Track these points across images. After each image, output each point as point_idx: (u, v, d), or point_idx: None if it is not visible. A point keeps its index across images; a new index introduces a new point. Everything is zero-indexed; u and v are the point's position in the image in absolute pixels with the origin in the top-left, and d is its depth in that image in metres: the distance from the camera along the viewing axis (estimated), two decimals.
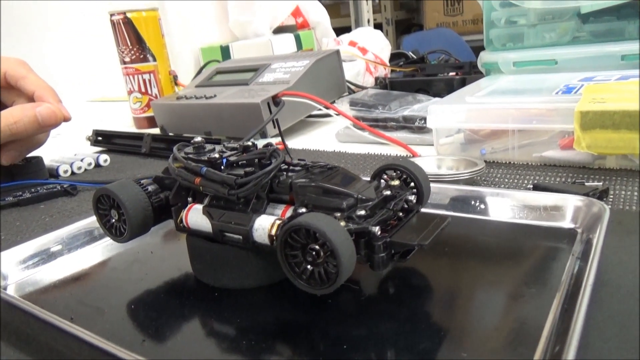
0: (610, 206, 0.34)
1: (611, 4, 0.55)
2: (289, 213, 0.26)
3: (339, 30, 1.23)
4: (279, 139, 0.60)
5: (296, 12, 1.08)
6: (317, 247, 0.22)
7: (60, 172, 0.58)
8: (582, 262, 0.26)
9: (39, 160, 0.57)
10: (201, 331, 0.25)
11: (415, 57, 1.03)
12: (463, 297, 0.26)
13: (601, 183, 0.37)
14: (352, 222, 0.23)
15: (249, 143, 0.30)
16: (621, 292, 0.24)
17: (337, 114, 0.61)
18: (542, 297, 0.24)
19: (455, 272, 0.28)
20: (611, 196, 0.36)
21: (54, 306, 0.29)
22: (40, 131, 0.49)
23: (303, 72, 0.65)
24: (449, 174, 0.39)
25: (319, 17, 1.10)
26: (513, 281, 0.26)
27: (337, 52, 0.72)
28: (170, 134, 0.71)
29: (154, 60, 0.78)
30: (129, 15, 0.75)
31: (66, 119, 0.50)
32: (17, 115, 0.47)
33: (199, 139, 0.31)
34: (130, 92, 0.79)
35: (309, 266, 0.22)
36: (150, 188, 0.30)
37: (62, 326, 0.24)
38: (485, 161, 0.45)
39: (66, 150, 0.66)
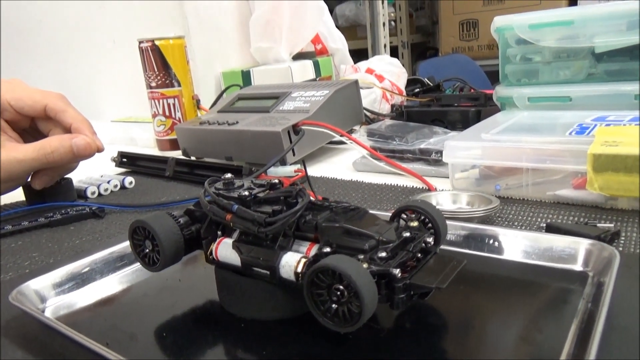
0: (621, 249, 0.35)
1: (625, 45, 0.57)
2: (313, 251, 0.28)
3: (356, 53, 1.26)
4: (297, 166, 0.62)
5: (315, 39, 1.11)
6: (341, 287, 0.23)
7: (88, 193, 0.61)
8: (592, 305, 0.28)
9: (68, 182, 0.59)
10: None
11: (431, 84, 1.05)
12: (476, 337, 0.27)
13: (613, 225, 0.38)
14: (374, 263, 0.25)
15: (276, 181, 0.32)
16: (630, 337, 0.25)
17: (353, 143, 0.62)
18: (553, 340, 0.25)
19: (468, 311, 0.30)
20: (622, 238, 0.37)
21: (89, 330, 0.30)
22: (74, 161, 0.52)
23: (323, 101, 0.67)
24: (464, 212, 0.41)
25: (338, 44, 1.13)
26: (525, 323, 0.27)
27: (356, 82, 0.74)
28: (192, 157, 0.74)
29: (179, 85, 0.81)
30: (157, 42, 0.78)
31: (99, 150, 0.52)
32: (54, 145, 0.50)
33: (228, 175, 0.33)
34: (154, 115, 0.82)
35: (333, 305, 0.24)
36: (182, 220, 0.32)
37: (101, 352, 0.25)
38: (499, 197, 0.46)
39: (92, 171, 0.69)
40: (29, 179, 0.54)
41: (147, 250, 0.32)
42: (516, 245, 0.34)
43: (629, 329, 0.26)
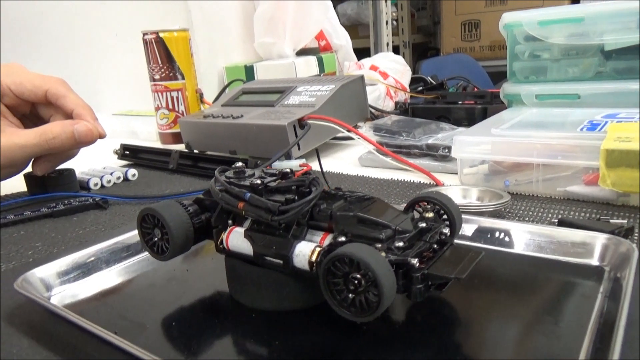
0: (635, 245, 0.34)
1: (634, 43, 0.57)
2: (327, 240, 0.27)
3: (358, 51, 1.25)
4: (303, 161, 0.62)
5: (320, 35, 1.10)
6: (359, 276, 0.23)
7: (91, 185, 0.60)
8: (610, 300, 0.27)
9: (71, 172, 0.59)
10: (240, 351, 0.26)
11: (434, 82, 1.05)
12: (492, 331, 0.27)
13: (626, 221, 0.37)
14: (392, 253, 0.24)
15: (288, 170, 0.32)
16: None
17: (359, 138, 0.62)
18: (573, 335, 0.25)
19: (483, 305, 0.29)
20: (636, 234, 0.36)
21: (96, 319, 0.30)
22: (75, 147, 0.51)
23: (329, 96, 0.67)
24: (475, 205, 0.40)
25: (342, 41, 1.13)
26: (543, 317, 0.27)
27: (362, 77, 0.73)
28: (195, 150, 0.73)
29: (183, 78, 0.80)
30: (161, 35, 0.77)
31: (101, 136, 0.52)
32: (56, 131, 0.49)
33: (239, 164, 0.32)
34: (157, 108, 0.82)
35: (350, 294, 0.23)
36: (191, 209, 0.31)
37: (111, 340, 0.25)
38: (509, 193, 0.45)
39: (94, 163, 0.68)
40: (30, 165, 0.53)
41: (156, 238, 0.31)
42: (530, 239, 0.34)
43: None
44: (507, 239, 0.35)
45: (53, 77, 0.53)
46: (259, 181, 0.29)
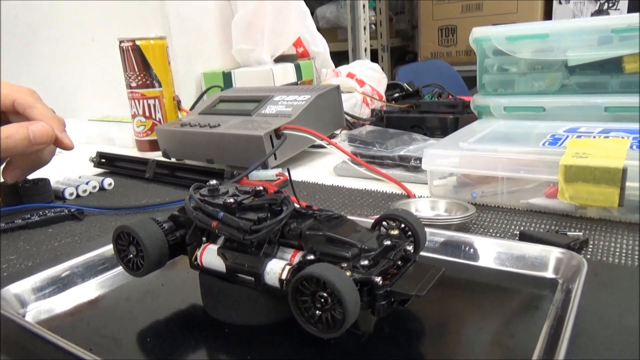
0: (589, 257, 0.37)
1: (596, 59, 0.60)
2: (297, 258, 0.28)
3: (336, 55, 1.26)
4: (279, 170, 0.63)
5: (297, 42, 1.11)
6: (325, 294, 0.24)
7: (67, 194, 0.60)
8: (562, 311, 0.29)
9: (46, 182, 0.59)
10: None
11: (410, 89, 1.07)
12: (452, 341, 0.28)
13: (582, 233, 0.40)
14: (357, 271, 0.26)
15: (260, 188, 0.33)
16: (596, 341, 0.27)
17: (334, 148, 0.63)
18: (525, 344, 0.26)
19: (445, 316, 0.31)
20: (591, 246, 0.38)
21: (72, 335, 0.30)
22: (32, 149, 0.48)
23: (305, 106, 0.68)
24: (442, 219, 0.42)
25: (320, 48, 1.14)
26: (499, 327, 0.29)
27: (338, 87, 0.75)
28: (172, 159, 0.74)
29: (160, 86, 0.80)
30: (137, 43, 0.77)
31: (68, 148, 0.50)
32: (9, 131, 0.47)
33: (213, 182, 0.33)
34: (134, 116, 0.82)
35: (317, 311, 0.25)
36: (166, 226, 0.32)
37: (85, 357, 0.25)
38: (475, 204, 0.47)
39: (70, 171, 0.68)
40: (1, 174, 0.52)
41: (131, 255, 0.32)
42: (491, 252, 0.36)
43: (594, 332, 0.27)
44: (471, 251, 0.37)
45: (22, 87, 0.52)
46: (232, 200, 0.30)
